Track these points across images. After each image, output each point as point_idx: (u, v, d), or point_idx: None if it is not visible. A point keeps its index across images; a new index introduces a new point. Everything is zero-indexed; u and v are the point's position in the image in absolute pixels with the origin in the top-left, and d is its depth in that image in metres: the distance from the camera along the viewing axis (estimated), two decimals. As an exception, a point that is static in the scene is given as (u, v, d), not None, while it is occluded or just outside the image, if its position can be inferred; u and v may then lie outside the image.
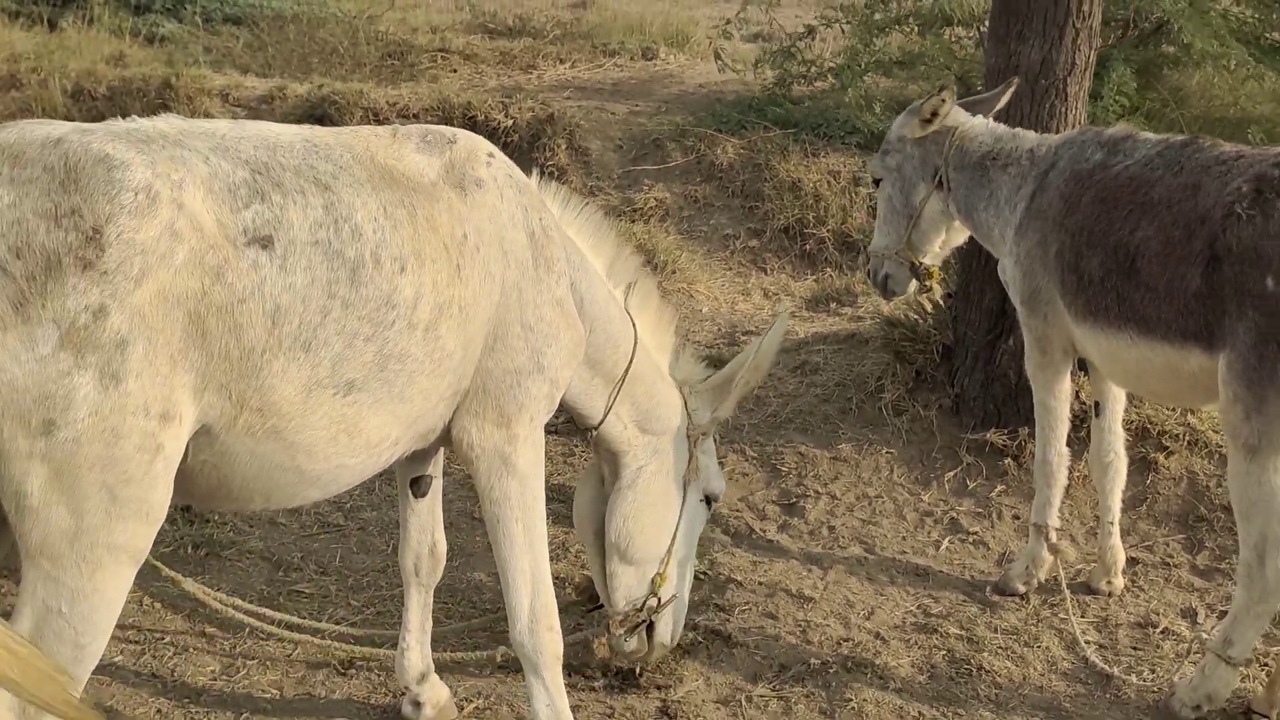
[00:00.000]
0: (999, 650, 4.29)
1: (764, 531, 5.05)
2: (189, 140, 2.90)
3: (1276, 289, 3.41)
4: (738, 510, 5.18)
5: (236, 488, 3.03)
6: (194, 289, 2.73)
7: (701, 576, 4.69)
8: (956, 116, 4.67)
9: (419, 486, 3.78)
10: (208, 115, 9.47)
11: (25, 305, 2.54)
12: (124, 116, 2.95)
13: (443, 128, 3.50)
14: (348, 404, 3.02)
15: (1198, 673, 3.92)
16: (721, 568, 4.75)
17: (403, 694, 3.89)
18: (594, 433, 3.92)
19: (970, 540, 5.00)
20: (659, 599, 4.01)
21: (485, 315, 3.29)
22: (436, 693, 3.88)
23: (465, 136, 3.46)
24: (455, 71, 11.08)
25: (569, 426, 5.72)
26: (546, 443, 3.63)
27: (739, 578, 4.68)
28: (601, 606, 4.16)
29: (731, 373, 4.12)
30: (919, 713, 3.97)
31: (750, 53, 10.33)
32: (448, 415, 3.35)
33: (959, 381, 5.45)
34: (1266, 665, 4.04)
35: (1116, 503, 4.57)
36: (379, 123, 9.16)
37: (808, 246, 7.99)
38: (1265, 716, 3.85)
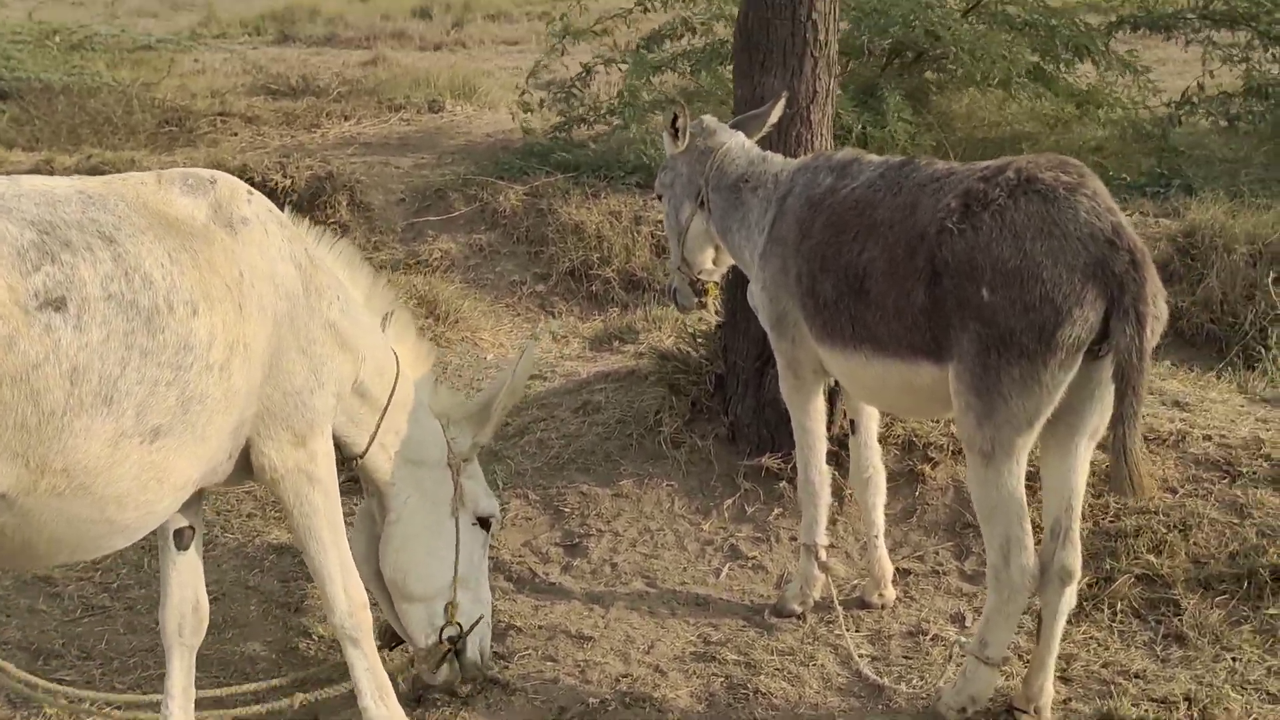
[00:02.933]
0: (775, 672, 4.33)
1: (547, 575, 5.02)
2: None
3: (992, 299, 3.52)
4: (520, 555, 5.15)
5: (43, 547, 3.06)
6: None
7: (481, 626, 4.65)
8: (720, 136, 4.73)
9: (181, 539, 3.75)
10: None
11: None
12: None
13: (200, 170, 3.59)
14: (155, 450, 3.09)
15: (960, 676, 4.01)
16: (502, 615, 4.70)
17: None
18: (359, 462, 4.01)
19: (749, 565, 5.05)
20: (460, 625, 4.11)
21: (263, 348, 3.42)
22: None
23: (223, 177, 3.57)
24: (236, 135, 10.91)
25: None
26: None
27: (519, 623, 4.65)
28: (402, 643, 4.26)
29: (489, 399, 4.21)
30: (696, 742, 3.98)
31: (543, 100, 10.41)
32: (230, 449, 3.44)
33: (732, 409, 5.52)
34: (1027, 662, 4.15)
35: (880, 516, 4.66)
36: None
37: (594, 287, 8.05)
38: (1025, 712, 3.95)
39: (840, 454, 4.92)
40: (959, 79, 9.05)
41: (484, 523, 4.24)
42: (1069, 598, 3.83)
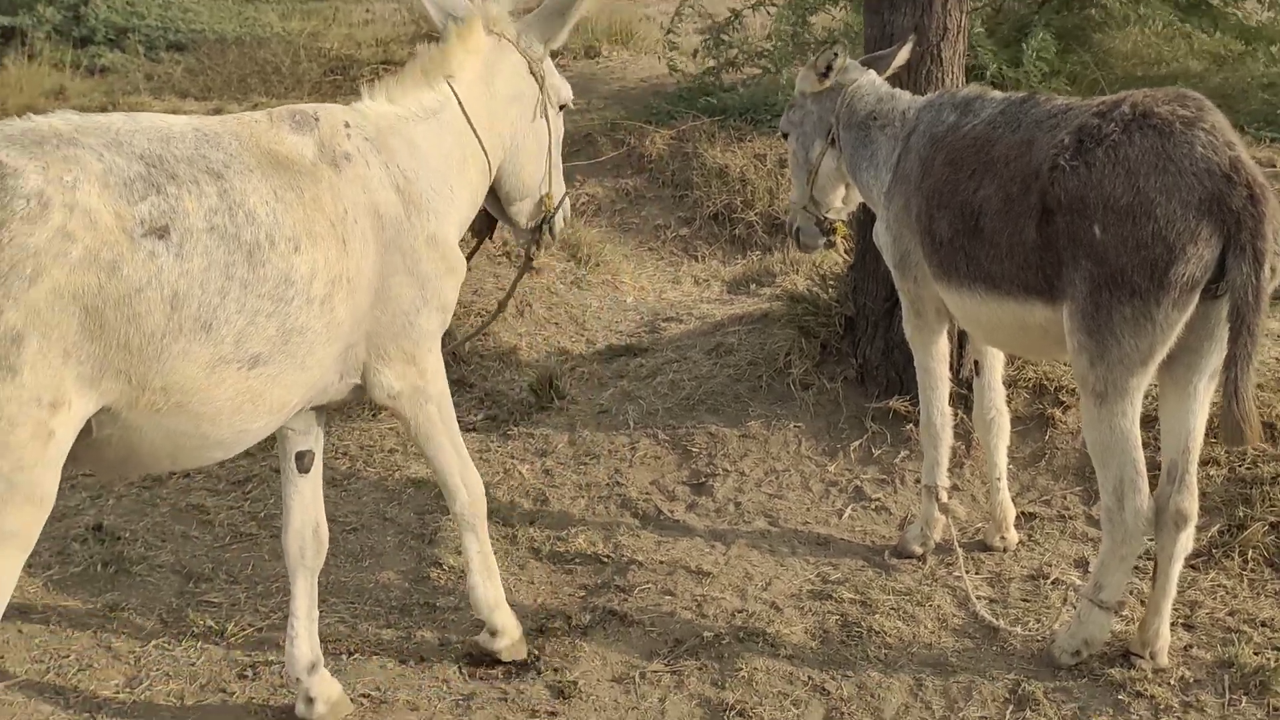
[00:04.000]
0: (891, 611, 4.35)
1: (671, 512, 5.11)
2: (83, 137, 3.07)
3: (1104, 236, 3.46)
4: (647, 493, 5.24)
5: (144, 456, 3.27)
6: (90, 284, 2.94)
7: (605, 559, 4.77)
8: (851, 74, 4.71)
9: (302, 462, 3.94)
10: (146, 142, 9.57)
11: None
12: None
13: (306, 106, 3.71)
14: (253, 376, 3.27)
15: (1074, 619, 3.98)
16: (625, 550, 4.81)
17: (295, 687, 3.94)
18: None
19: (873, 507, 5.06)
20: (552, 211, 4.41)
21: (369, 278, 3.56)
22: (327, 688, 3.95)
23: (325, 112, 3.68)
24: (396, 82, 11.14)
25: (487, 424, 5.83)
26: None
27: (640, 558, 4.75)
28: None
29: (563, 6, 4.20)
30: (808, 677, 4.03)
31: (697, 44, 10.39)
32: (340, 371, 3.63)
33: (861, 352, 5.52)
34: (1143, 605, 4.09)
35: (1002, 459, 4.63)
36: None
37: (737, 231, 8.06)
38: (1140, 657, 3.90)
39: (968, 396, 4.89)
40: (1118, 16, 8.74)
41: (560, 107, 4.42)
42: (1185, 542, 3.77)
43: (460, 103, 3.99)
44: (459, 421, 4.07)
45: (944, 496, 4.61)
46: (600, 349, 6.53)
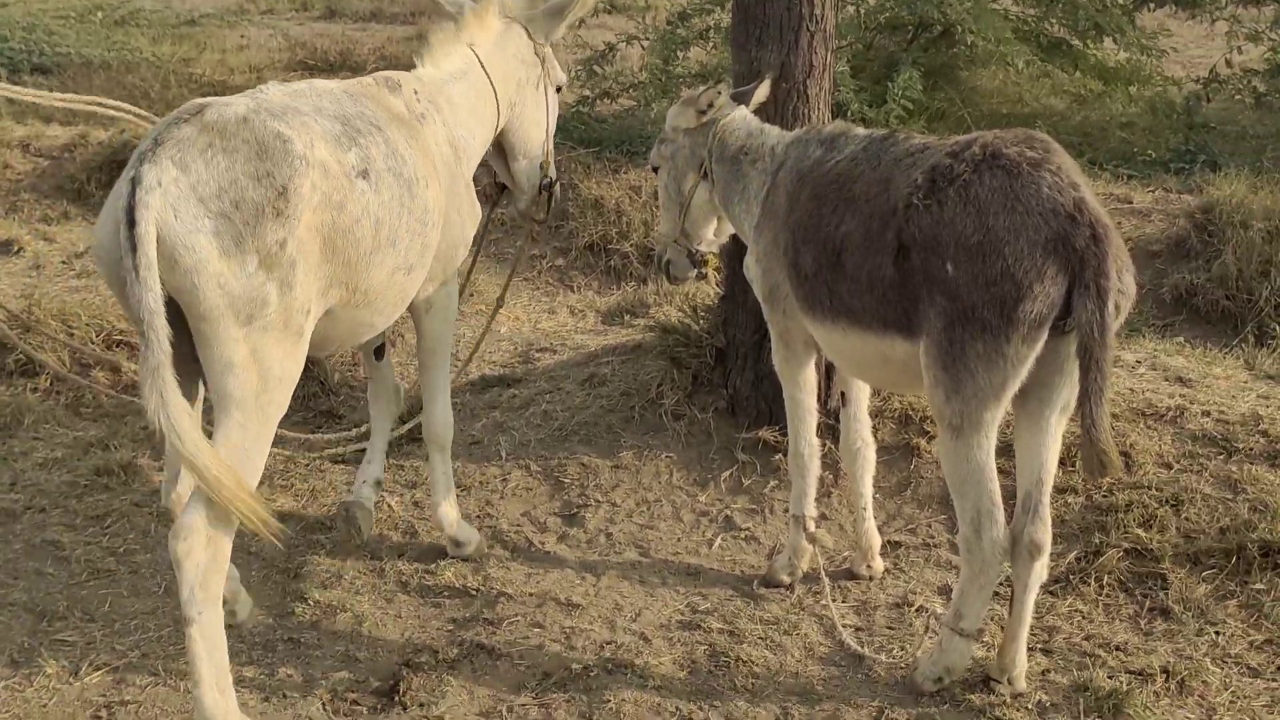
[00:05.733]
0: (758, 640, 4.39)
1: (542, 544, 5.10)
2: (300, 106, 3.94)
3: (956, 273, 3.54)
4: (518, 525, 5.22)
5: (332, 341, 4.21)
6: (327, 220, 3.80)
7: (473, 592, 4.73)
8: (724, 109, 4.77)
9: (381, 353, 5.08)
10: (7, 166, 9.33)
11: (241, 241, 3.56)
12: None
13: (390, 73, 4.66)
14: (407, 279, 4.27)
15: (936, 647, 4.05)
16: (495, 582, 4.79)
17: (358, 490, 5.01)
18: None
19: (743, 536, 5.10)
20: (550, 176, 5.36)
21: (443, 209, 4.45)
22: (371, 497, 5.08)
23: (402, 78, 4.61)
24: (269, 109, 11.00)
25: (357, 456, 5.74)
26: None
27: (510, 591, 4.72)
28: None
29: (561, 6, 5.19)
30: (675, 708, 4.04)
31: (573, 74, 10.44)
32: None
33: (732, 382, 5.57)
34: (1004, 631, 4.17)
35: (868, 489, 4.70)
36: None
37: (612, 262, 8.10)
38: (999, 682, 3.99)
39: (835, 427, 4.96)
40: (982, 55, 9.00)
41: (558, 89, 5.33)
42: (1039, 571, 3.86)
43: (483, 65, 4.90)
44: (327, 448, 4.67)
45: (811, 526, 4.67)
46: (473, 379, 6.50)
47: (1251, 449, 4.99)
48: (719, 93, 4.75)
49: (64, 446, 5.82)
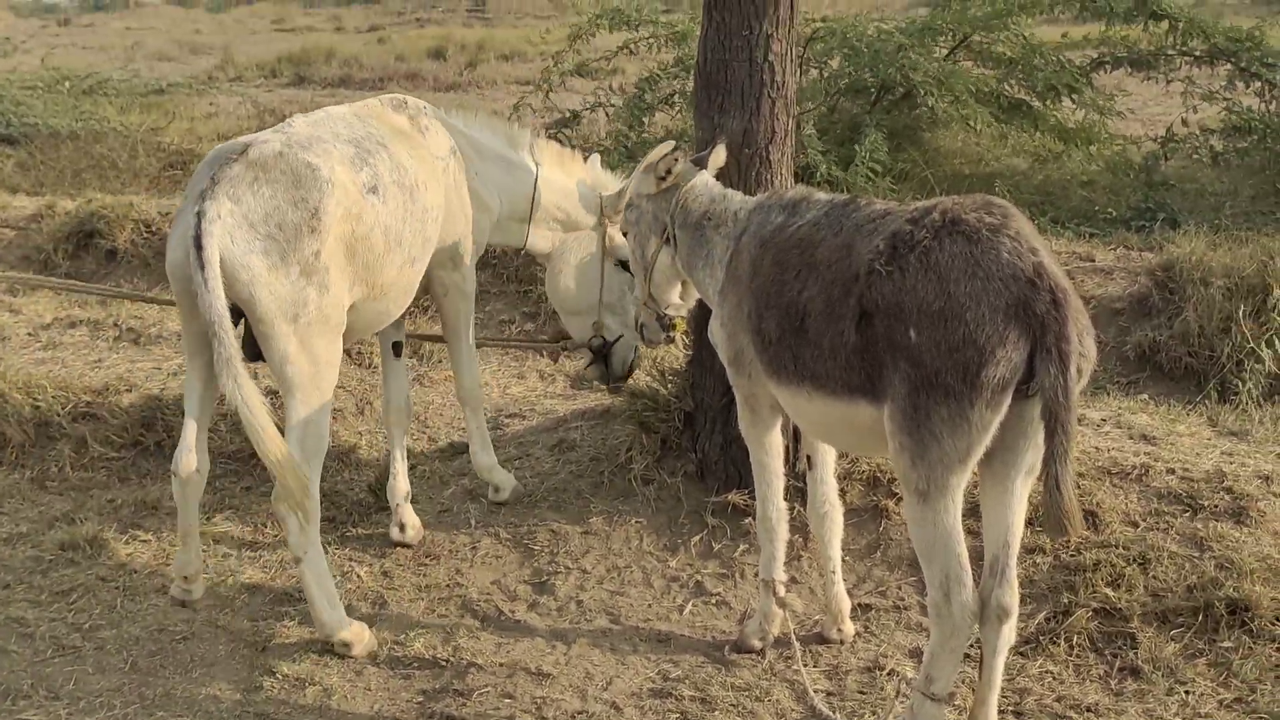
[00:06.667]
0: (730, 707, 4.37)
1: (512, 612, 5.07)
2: (322, 134, 4.73)
3: (919, 339, 3.56)
4: (488, 593, 5.20)
5: (357, 329, 4.92)
6: (348, 230, 4.57)
7: (443, 663, 4.70)
8: (686, 175, 4.81)
9: (396, 350, 5.66)
10: (-27, 239, 9.32)
11: (286, 255, 4.37)
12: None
13: (396, 94, 5.46)
14: (412, 271, 5.00)
15: (907, 711, 4.04)
16: (465, 652, 4.75)
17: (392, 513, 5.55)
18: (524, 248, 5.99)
19: (714, 601, 5.09)
20: (604, 338, 5.92)
21: (443, 208, 5.19)
22: (413, 517, 5.62)
23: (410, 99, 5.42)
24: (237, 177, 11.03)
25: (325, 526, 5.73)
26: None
27: (480, 661, 4.69)
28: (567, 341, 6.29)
29: (625, 187, 5.54)
30: (647, 778, 4.02)
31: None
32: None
33: (700, 446, 5.58)
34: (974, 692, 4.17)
35: (836, 552, 4.70)
36: (150, 233, 9.10)
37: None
38: (970, 747, 3.98)
39: (804, 489, 4.96)
40: (945, 116, 9.13)
41: (624, 265, 5.79)
42: (1008, 634, 3.85)
43: (538, 173, 5.74)
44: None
45: (781, 591, 4.66)
46: (442, 446, 6.50)
47: (1216, 506, 5.02)
48: (675, 159, 4.78)
49: (29, 521, 5.78)
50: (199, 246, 4.21)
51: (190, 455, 4.75)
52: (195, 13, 43.21)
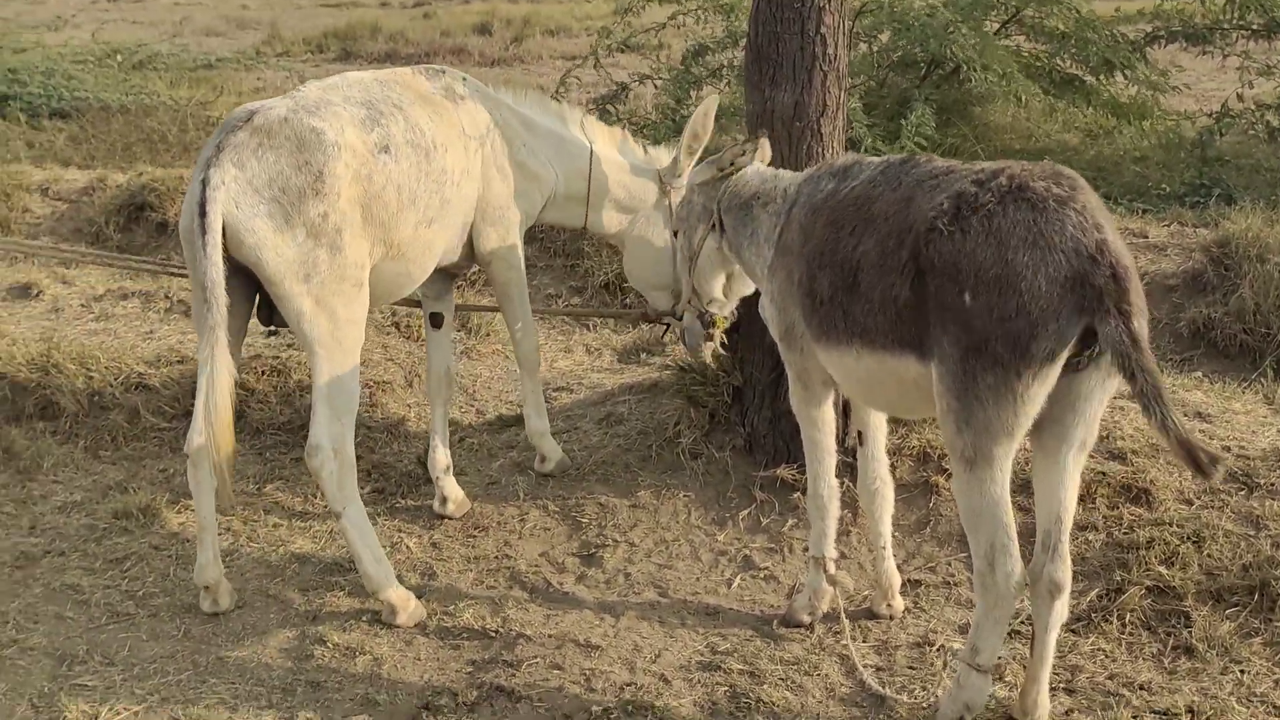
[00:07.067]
0: (779, 681, 4.36)
1: (561, 584, 5.08)
2: (333, 97, 4.76)
3: (974, 304, 3.51)
4: (536, 565, 5.21)
5: (379, 293, 4.92)
6: (360, 191, 4.62)
7: (493, 634, 4.72)
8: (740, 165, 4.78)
9: (436, 321, 5.71)
10: (26, 210, 9.40)
11: (290, 218, 4.41)
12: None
13: (434, 65, 5.65)
14: (430, 231, 4.99)
15: (954, 684, 4.02)
16: (513, 624, 4.77)
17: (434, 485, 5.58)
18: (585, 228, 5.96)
19: (762, 576, 5.08)
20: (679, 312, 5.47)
21: (478, 173, 5.26)
22: (455, 490, 5.63)
23: (449, 70, 5.45)
24: (285, 150, 11.08)
25: (374, 497, 5.77)
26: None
27: (529, 632, 4.71)
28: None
29: (678, 152, 5.69)
30: (696, 750, 4.02)
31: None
32: (460, 238, 5.28)
33: (749, 421, 5.56)
34: (1025, 669, 4.14)
35: (887, 528, 4.67)
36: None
37: (628, 300, 8.09)
38: (1021, 723, 3.95)
39: (854, 465, 4.94)
40: (991, 92, 9.02)
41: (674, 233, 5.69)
42: (1060, 610, 3.82)
43: (592, 150, 5.70)
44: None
45: (831, 567, 4.64)
46: (490, 419, 6.51)
47: (1273, 484, 4.96)
48: (743, 153, 4.74)
49: (83, 490, 5.85)
50: (203, 214, 4.26)
51: (201, 435, 4.63)
52: (242, -12, 43.27)
